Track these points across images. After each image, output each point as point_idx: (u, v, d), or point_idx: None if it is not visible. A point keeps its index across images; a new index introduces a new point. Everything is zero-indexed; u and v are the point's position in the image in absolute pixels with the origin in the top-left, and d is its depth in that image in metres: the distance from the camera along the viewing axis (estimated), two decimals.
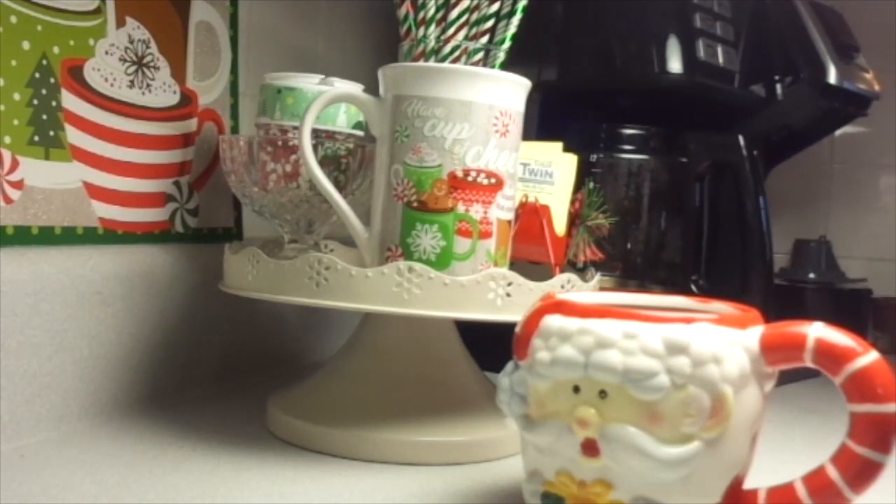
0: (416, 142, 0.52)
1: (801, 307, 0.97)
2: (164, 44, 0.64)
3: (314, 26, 0.83)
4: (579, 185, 0.62)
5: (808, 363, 0.37)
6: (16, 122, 0.52)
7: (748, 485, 0.39)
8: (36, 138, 0.54)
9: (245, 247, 0.56)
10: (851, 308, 0.97)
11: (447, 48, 0.55)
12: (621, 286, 0.77)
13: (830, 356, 0.36)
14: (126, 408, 0.59)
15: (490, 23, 0.56)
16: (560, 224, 0.60)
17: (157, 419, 0.57)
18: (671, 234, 0.81)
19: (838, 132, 1.05)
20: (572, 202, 0.61)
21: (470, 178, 0.52)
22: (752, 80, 0.82)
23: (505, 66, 0.56)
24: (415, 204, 0.53)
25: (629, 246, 0.80)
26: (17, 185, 0.52)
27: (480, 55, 0.56)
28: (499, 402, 0.41)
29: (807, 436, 0.65)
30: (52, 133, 0.55)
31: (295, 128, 0.61)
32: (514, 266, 0.56)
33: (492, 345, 0.52)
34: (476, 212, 0.53)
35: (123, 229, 0.61)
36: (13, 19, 0.52)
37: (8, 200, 0.52)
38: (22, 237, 0.53)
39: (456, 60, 0.55)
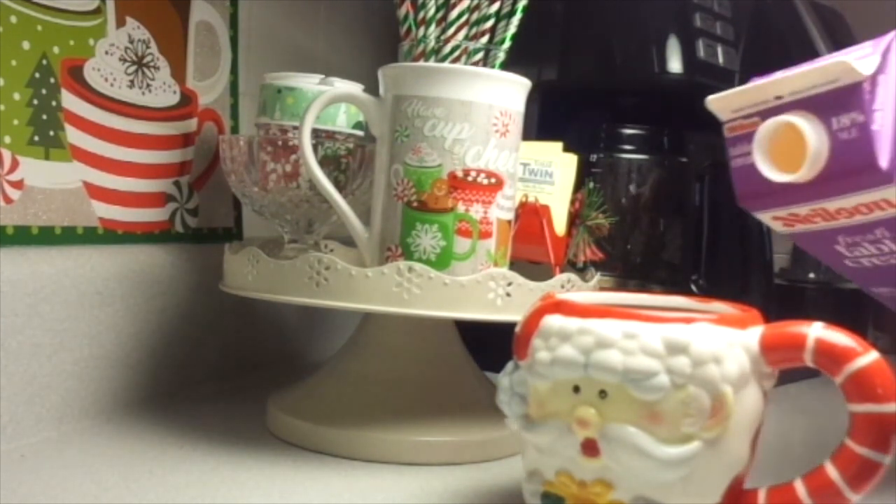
0: (416, 142, 0.52)
1: (801, 307, 0.97)
2: (164, 44, 0.64)
3: (314, 26, 0.83)
4: (579, 185, 0.62)
5: (808, 363, 0.37)
6: (16, 121, 0.52)
7: (748, 485, 0.40)
8: (36, 138, 0.54)
9: (245, 247, 0.56)
10: (851, 308, 0.97)
11: (447, 48, 0.55)
12: (621, 286, 0.77)
13: (830, 356, 0.36)
14: (126, 408, 0.59)
15: (490, 23, 0.56)
16: (560, 224, 0.60)
17: (157, 419, 0.57)
18: (671, 234, 0.81)
19: None
20: (572, 202, 0.61)
21: (470, 178, 0.52)
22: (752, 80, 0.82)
23: (505, 66, 0.56)
24: (415, 204, 0.53)
25: (629, 246, 0.80)
26: (17, 185, 0.52)
27: (480, 55, 0.56)
28: (499, 402, 0.41)
29: (807, 436, 0.65)
30: (52, 133, 0.55)
31: (295, 128, 0.61)
32: (514, 266, 0.56)
33: (492, 345, 0.52)
34: (476, 212, 0.53)
35: (123, 229, 0.61)
36: (13, 19, 0.52)
37: (8, 200, 0.52)
38: (22, 237, 0.53)
39: (456, 60, 0.55)
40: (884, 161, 0.40)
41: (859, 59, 0.41)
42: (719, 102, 0.45)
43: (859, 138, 0.40)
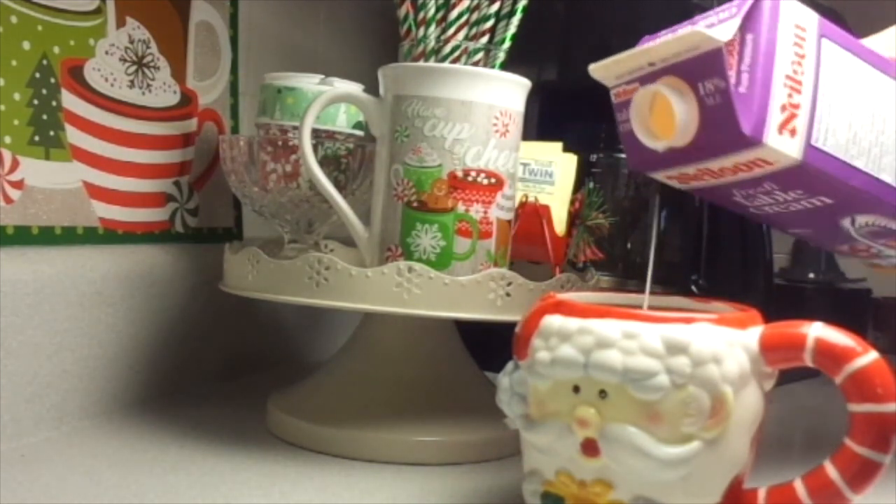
0: (416, 142, 0.52)
1: (801, 307, 0.96)
2: (164, 44, 0.64)
3: (314, 26, 0.83)
4: (579, 185, 0.62)
5: (808, 363, 0.37)
6: (16, 122, 0.52)
7: (748, 485, 0.40)
8: (36, 138, 0.54)
9: (245, 247, 0.56)
10: (851, 308, 0.97)
11: (447, 48, 0.55)
12: (621, 286, 0.77)
13: (830, 356, 0.36)
14: (126, 408, 0.59)
15: (490, 23, 0.56)
16: (560, 224, 0.60)
17: (157, 419, 0.57)
18: (671, 233, 0.81)
19: None
20: (572, 202, 0.61)
21: (470, 178, 0.52)
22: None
23: (505, 66, 0.56)
24: (415, 204, 0.53)
25: (629, 246, 0.80)
26: (18, 185, 0.52)
27: (480, 55, 0.56)
28: (499, 402, 0.41)
29: (807, 436, 0.65)
30: (52, 133, 0.55)
31: (295, 128, 0.61)
32: (514, 266, 0.56)
33: (492, 345, 0.52)
34: (476, 212, 0.53)
35: (123, 229, 0.61)
36: (13, 19, 0.52)
37: (8, 200, 0.52)
38: (22, 237, 0.53)
39: (456, 60, 0.55)
40: (747, 126, 0.40)
41: (721, 22, 0.42)
42: (601, 70, 0.46)
43: (722, 104, 0.41)
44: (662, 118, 0.42)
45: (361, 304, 0.51)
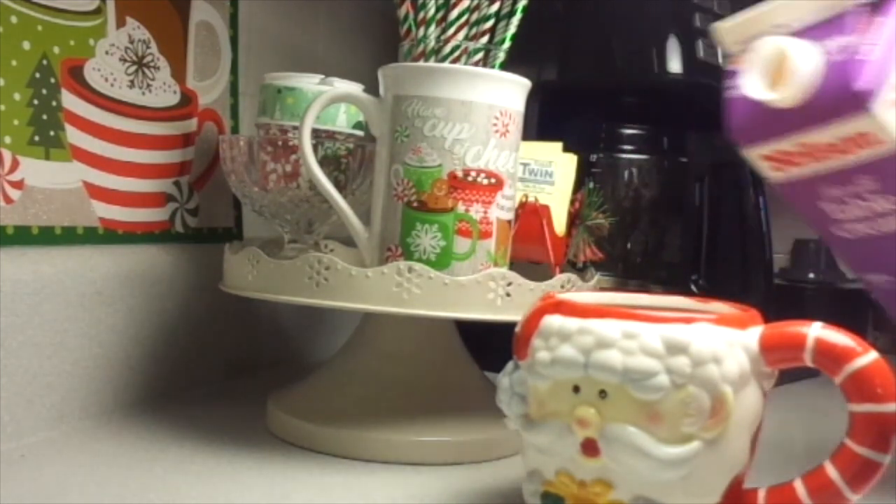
0: (416, 142, 0.52)
1: (801, 307, 0.97)
2: (164, 44, 0.64)
3: (314, 26, 0.83)
4: (579, 185, 0.62)
5: (808, 363, 0.37)
6: (16, 122, 0.52)
7: (748, 485, 0.40)
8: (36, 138, 0.54)
9: (245, 247, 0.56)
10: (851, 308, 0.97)
11: (447, 48, 0.55)
12: (621, 286, 0.77)
13: (830, 356, 0.36)
14: (126, 408, 0.59)
15: (490, 23, 0.56)
16: (560, 224, 0.60)
17: (157, 419, 0.57)
18: (671, 234, 0.81)
19: None
20: (572, 202, 0.61)
21: (470, 178, 0.52)
22: None
23: (505, 66, 0.56)
24: (415, 204, 0.53)
25: (629, 246, 0.80)
26: (18, 185, 0.52)
27: (480, 55, 0.56)
28: (499, 402, 0.41)
29: (807, 436, 0.65)
30: (52, 133, 0.55)
31: (295, 128, 0.61)
32: (514, 266, 0.56)
33: (492, 345, 0.52)
34: (476, 212, 0.53)
35: (123, 229, 0.61)
36: (13, 19, 0.52)
37: (8, 200, 0.52)
38: (22, 237, 0.53)
39: (456, 60, 0.55)
40: (860, 84, 0.40)
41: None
42: (726, 32, 0.46)
43: (843, 61, 0.41)
44: (780, 73, 0.42)
45: (361, 304, 0.51)
